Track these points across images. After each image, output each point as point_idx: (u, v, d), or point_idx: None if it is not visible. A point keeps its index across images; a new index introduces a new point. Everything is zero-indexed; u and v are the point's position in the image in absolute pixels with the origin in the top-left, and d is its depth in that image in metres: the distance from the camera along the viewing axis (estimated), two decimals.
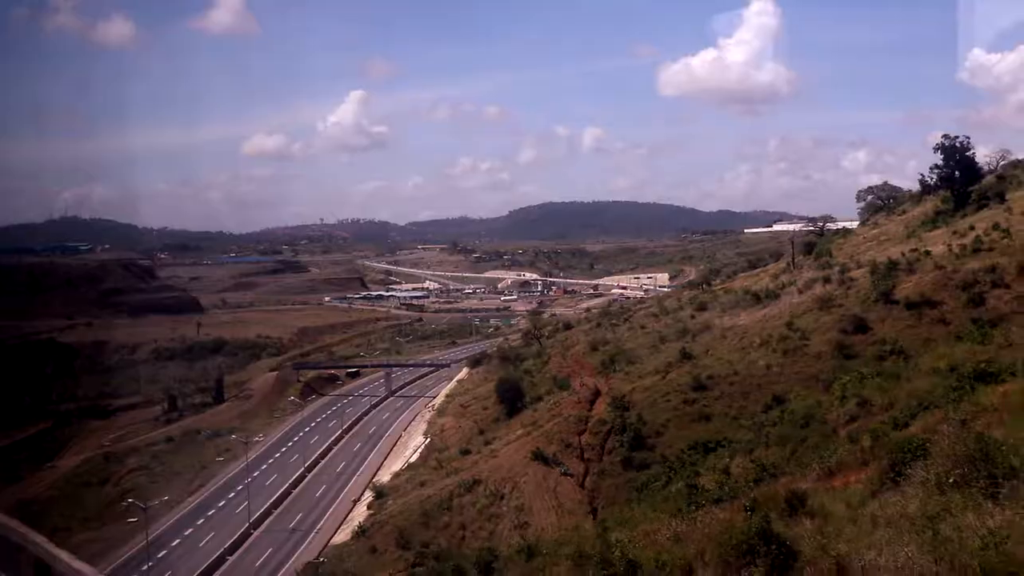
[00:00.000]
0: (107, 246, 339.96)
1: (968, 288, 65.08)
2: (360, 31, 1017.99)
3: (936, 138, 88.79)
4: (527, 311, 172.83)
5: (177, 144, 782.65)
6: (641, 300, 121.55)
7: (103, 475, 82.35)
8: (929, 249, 75.52)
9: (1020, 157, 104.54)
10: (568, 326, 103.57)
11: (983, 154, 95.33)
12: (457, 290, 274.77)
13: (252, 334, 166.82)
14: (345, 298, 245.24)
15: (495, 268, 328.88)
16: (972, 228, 77.43)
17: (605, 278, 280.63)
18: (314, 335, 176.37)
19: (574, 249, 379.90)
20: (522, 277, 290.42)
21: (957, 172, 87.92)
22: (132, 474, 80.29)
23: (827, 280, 77.16)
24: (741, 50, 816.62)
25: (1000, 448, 17.56)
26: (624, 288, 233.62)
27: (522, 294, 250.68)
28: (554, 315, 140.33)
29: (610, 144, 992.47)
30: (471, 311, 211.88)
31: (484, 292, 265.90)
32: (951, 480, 17.62)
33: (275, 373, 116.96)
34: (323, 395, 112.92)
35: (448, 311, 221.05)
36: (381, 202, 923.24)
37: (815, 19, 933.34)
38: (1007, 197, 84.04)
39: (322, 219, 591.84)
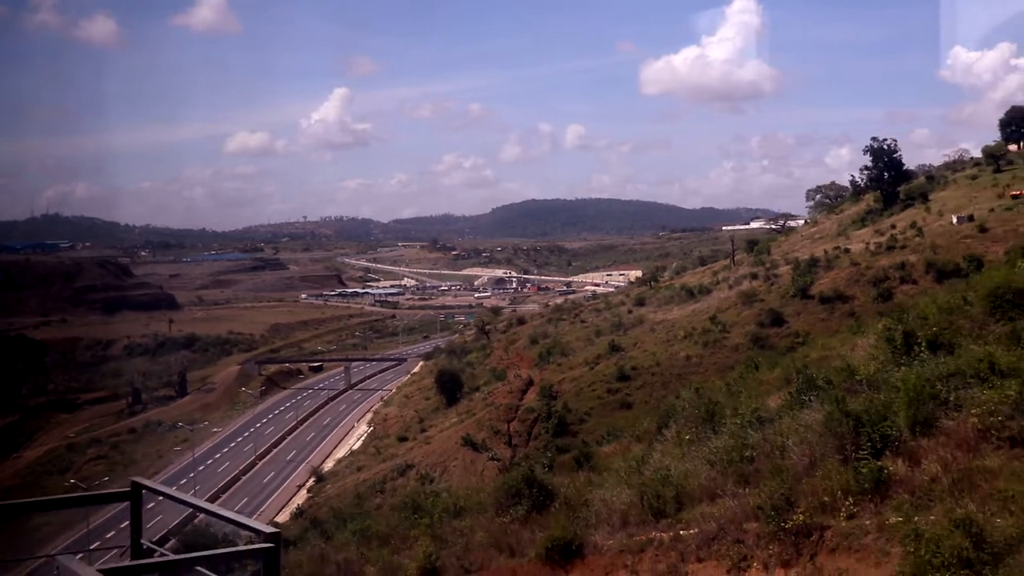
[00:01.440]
0: (88, 244, 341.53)
1: (878, 283, 69.42)
2: (343, 29, 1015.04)
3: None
4: (497, 307, 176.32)
5: (160, 142, 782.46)
6: (595, 296, 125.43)
7: (64, 464, 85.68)
8: (848, 247, 79.85)
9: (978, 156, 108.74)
10: (521, 321, 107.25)
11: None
12: (433, 287, 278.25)
13: (224, 330, 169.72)
14: (321, 295, 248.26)
15: (473, 265, 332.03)
16: (893, 227, 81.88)
17: (580, 275, 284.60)
18: (286, 331, 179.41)
19: (553, 246, 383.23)
20: (498, 274, 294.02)
21: (886, 173, 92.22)
22: (91, 463, 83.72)
23: (755, 276, 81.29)
24: (724, 48, 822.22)
25: (723, 411, 21.61)
26: (597, 285, 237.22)
27: (496, 291, 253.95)
28: (514, 311, 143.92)
29: (593, 141, 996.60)
30: (444, 308, 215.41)
31: (459, 289, 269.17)
32: (687, 437, 21.65)
33: (237, 367, 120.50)
34: (285, 388, 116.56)
35: (422, 308, 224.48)
36: (364, 199, 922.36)
37: (797, 17, 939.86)
38: (930, 197, 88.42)
39: (305, 216, 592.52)
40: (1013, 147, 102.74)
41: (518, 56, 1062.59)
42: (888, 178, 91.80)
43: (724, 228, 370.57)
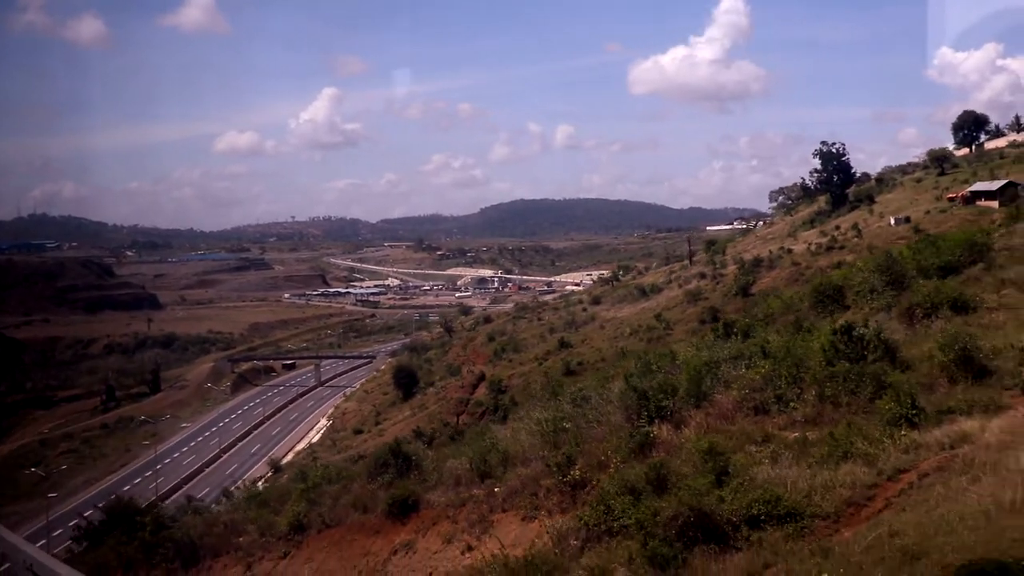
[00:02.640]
0: (75, 244, 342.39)
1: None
2: (332, 29, 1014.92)
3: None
4: (468, 306, 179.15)
5: (148, 142, 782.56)
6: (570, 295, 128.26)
7: (36, 458, 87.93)
8: (792, 247, 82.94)
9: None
10: (488, 320, 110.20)
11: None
12: (415, 287, 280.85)
13: (204, 329, 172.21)
14: (304, 295, 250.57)
15: (458, 265, 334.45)
16: (837, 228, 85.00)
17: (562, 275, 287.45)
18: (266, 330, 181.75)
19: (538, 246, 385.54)
20: (481, 274, 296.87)
21: (835, 176, 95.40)
22: (62, 457, 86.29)
23: (704, 276, 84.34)
24: (711, 47, 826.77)
25: (565, 392, 24.63)
26: (577, 284, 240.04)
27: (478, 291, 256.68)
28: (484, 310, 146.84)
29: (582, 141, 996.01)
30: (424, 307, 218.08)
31: (442, 289, 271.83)
32: (536, 414, 24.68)
33: (210, 365, 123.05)
34: (256, 385, 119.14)
35: (402, 307, 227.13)
36: (353, 199, 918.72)
37: (785, 16, 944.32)
38: (876, 199, 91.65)
39: (293, 216, 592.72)
40: (964, 151, 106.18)
41: (507, 56, 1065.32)
42: (837, 181, 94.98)
43: (709, 228, 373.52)
